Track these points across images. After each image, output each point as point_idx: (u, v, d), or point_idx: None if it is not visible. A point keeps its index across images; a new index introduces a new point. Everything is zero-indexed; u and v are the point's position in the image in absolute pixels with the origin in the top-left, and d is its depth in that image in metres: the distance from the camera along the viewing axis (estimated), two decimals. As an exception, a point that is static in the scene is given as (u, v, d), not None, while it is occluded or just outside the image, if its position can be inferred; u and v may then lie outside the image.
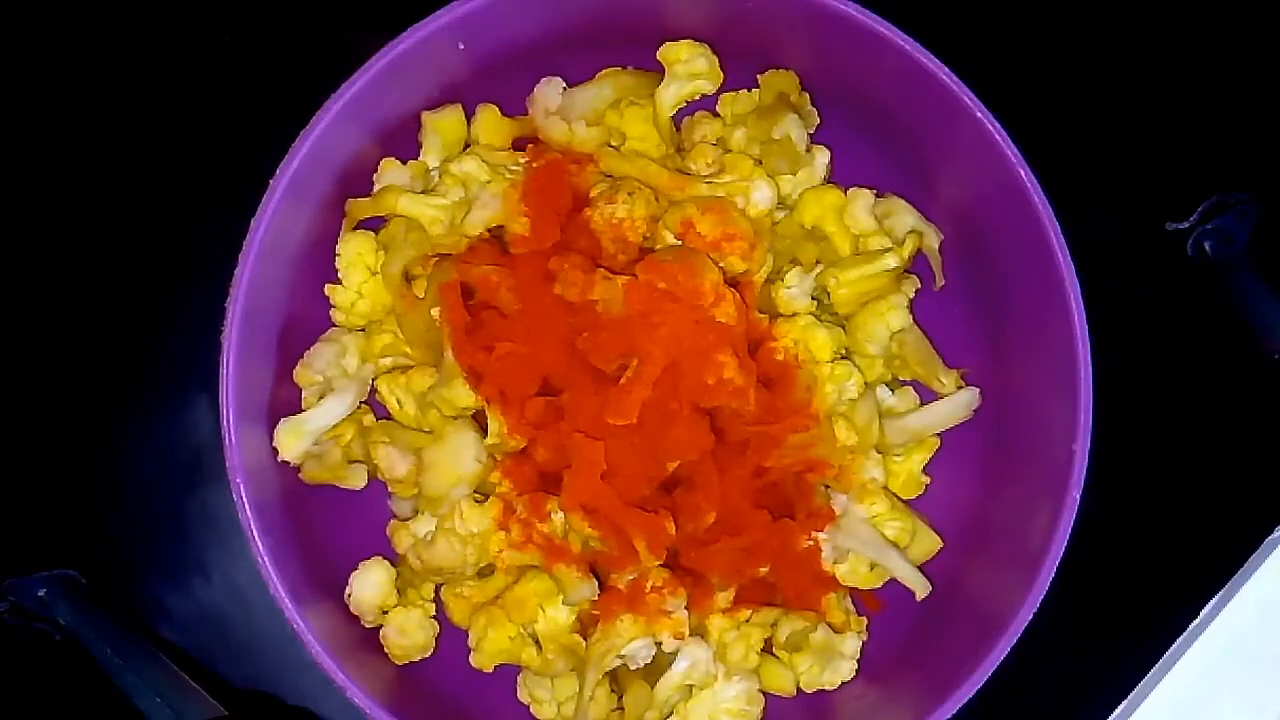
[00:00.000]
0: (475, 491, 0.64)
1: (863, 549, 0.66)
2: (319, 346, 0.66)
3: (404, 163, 0.68)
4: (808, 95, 0.69)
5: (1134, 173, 0.76)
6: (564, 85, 0.68)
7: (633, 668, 0.64)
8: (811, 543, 0.66)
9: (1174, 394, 0.75)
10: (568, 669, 0.64)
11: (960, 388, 0.68)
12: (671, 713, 0.65)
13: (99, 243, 0.74)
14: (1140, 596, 0.73)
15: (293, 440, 0.63)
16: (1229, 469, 0.74)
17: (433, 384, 0.64)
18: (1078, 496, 0.60)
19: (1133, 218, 0.76)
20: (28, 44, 0.75)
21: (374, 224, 0.68)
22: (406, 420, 0.66)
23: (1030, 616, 0.60)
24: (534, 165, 0.66)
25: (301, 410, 0.64)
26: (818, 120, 0.70)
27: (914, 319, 0.68)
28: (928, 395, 0.69)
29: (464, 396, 0.63)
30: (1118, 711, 0.69)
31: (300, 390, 0.65)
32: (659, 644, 0.63)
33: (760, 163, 0.67)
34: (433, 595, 0.67)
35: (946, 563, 0.68)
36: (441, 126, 0.68)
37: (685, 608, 0.63)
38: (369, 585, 0.65)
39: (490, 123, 0.68)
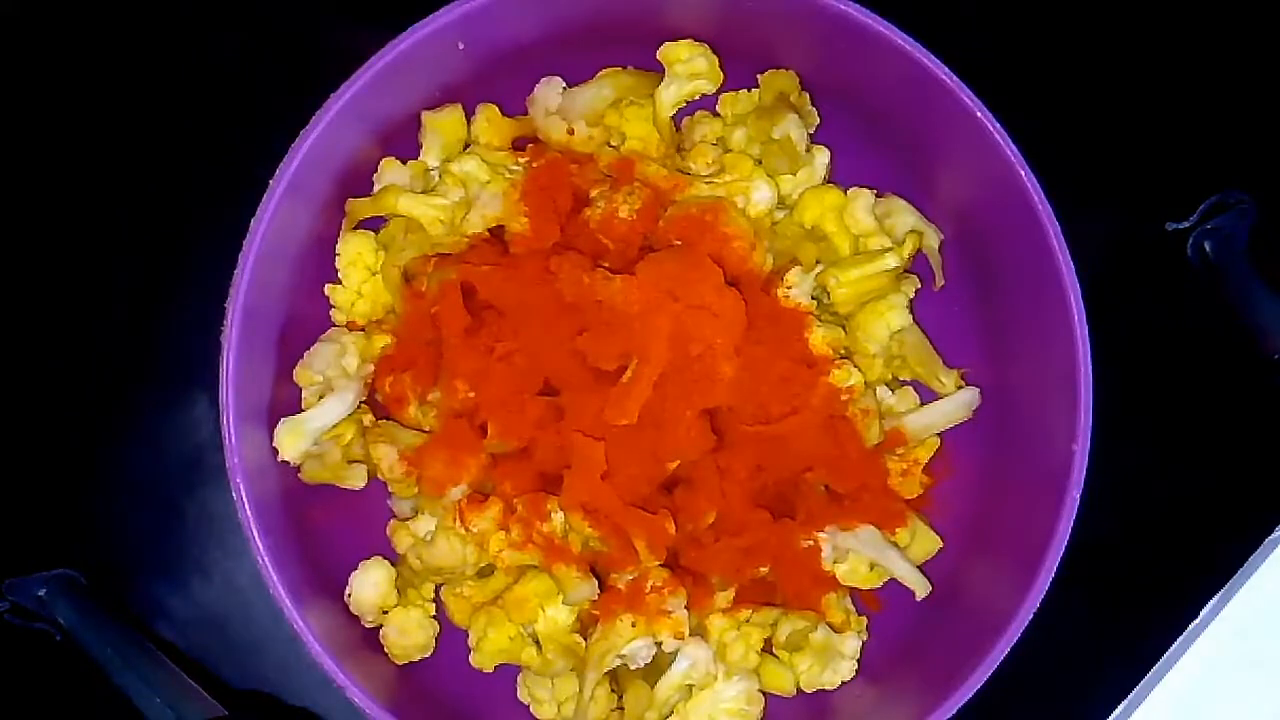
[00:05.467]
0: (475, 491, 0.64)
1: (863, 549, 0.66)
2: (319, 346, 0.66)
3: (404, 163, 0.68)
4: (808, 95, 0.69)
5: (1134, 173, 0.76)
6: (564, 85, 0.68)
7: (633, 668, 0.64)
8: (811, 543, 0.66)
9: (1174, 394, 0.75)
10: (568, 669, 0.64)
11: (960, 388, 0.68)
12: (671, 713, 0.65)
13: (99, 243, 0.74)
14: (1140, 596, 0.73)
15: (293, 440, 0.63)
16: (1229, 469, 0.74)
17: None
18: (1078, 496, 0.60)
19: (1133, 218, 0.76)
20: (28, 44, 0.75)
21: (374, 224, 0.68)
22: (406, 420, 0.66)
23: (1030, 616, 0.60)
24: (534, 165, 0.66)
25: (301, 410, 0.64)
26: (818, 120, 0.70)
27: (914, 319, 0.69)
28: (928, 395, 0.69)
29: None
30: (1118, 711, 0.69)
31: (300, 390, 0.65)
32: (659, 644, 0.63)
33: (760, 163, 0.67)
34: (433, 595, 0.67)
35: (946, 563, 0.68)
36: (441, 126, 0.68)
37: (685, 608, 0.63)
38: (369, 585, 0.65)
39: (490, 123, 0.68)
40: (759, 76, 0.69)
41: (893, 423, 0.68)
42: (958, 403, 0.68)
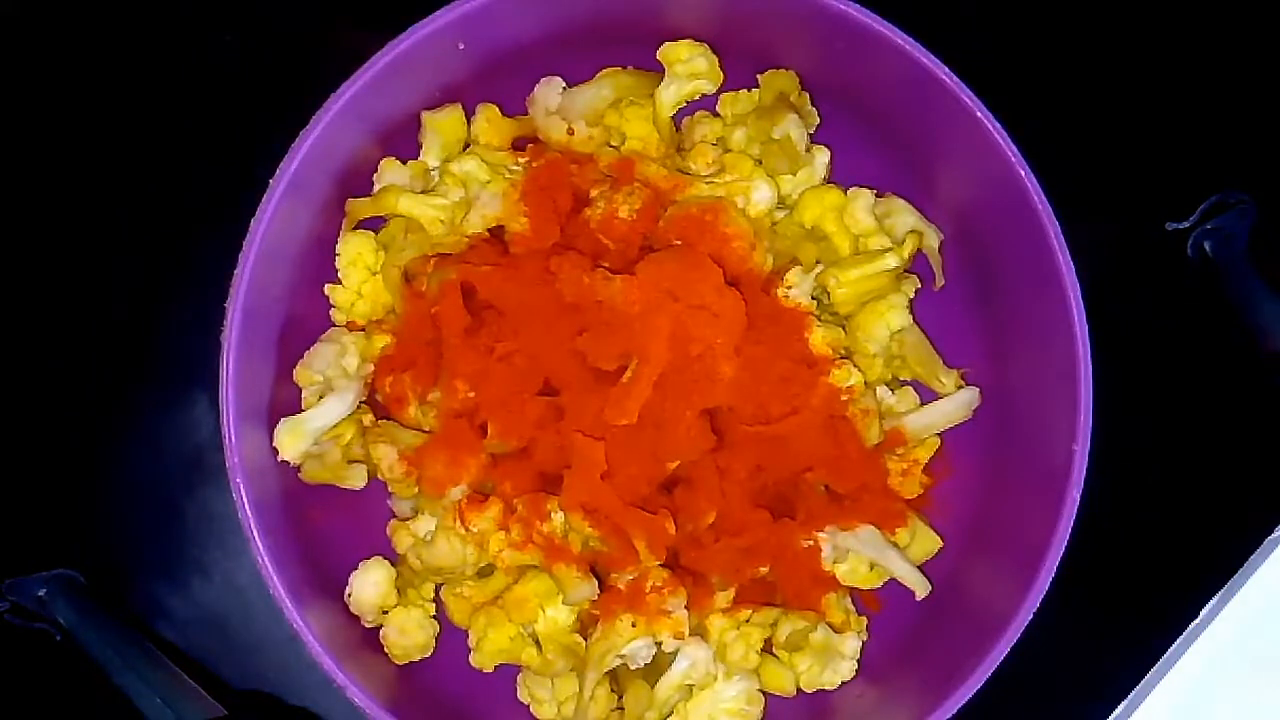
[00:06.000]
0: (475, 491, 0.64)
1: (863, 549, 0.66)
2: (319, 346, 0.66)
3: (404, 163, 0.68)
4: (808, 95, 0.69)
5: (1134, 173, 0.76)
6: (564, 85, 0.68)
7: (633, 668, 0.64)
8: (811, 543, 0.66)
9: (1174, 394, 0.75)
10: (568, 669, 0.64)
11: (960, 388, 0.68)
12: (671, 713, 0.65)
13: (99, 242, 0.74)
14: (1140, 597, 0.73)
15: (293, 440, 0.63)
16: (1229, 469, 0.74)
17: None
18: (1078, 496, 0.60)
19: (1133, 218, 0.76)
20: (29, 44, 0.75)
21: (374, 224, 0.68)
22: (406, 420, 0.66)
23: (1030, 616, 0.60)
24: (534, 165, 0.66)
25: (301, 410, 0.64)
26: (818, 120, 0.70)
27: (914, 319, 0.69)
28: (928, 395, 0.69)
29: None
30: (1118, 711, 0.69)
31: (300, 390, 0.65)
32: (659, 644, 0.63)
33: (760, 163, 0.67)
34: (433, 595, 0.67)
35: (946, 563, 0.68)
36: (441, 126, 0.68)
37: (685, 608, 0.63)
38: (369, 585, 0.65)
39: (490, 123, 0.68)
40: (759, 76, 0.69)
41: (893, 423, 0.68)
42: (958, 403, 0.68)
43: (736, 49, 0.67)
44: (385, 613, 0.66)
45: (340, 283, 0.67)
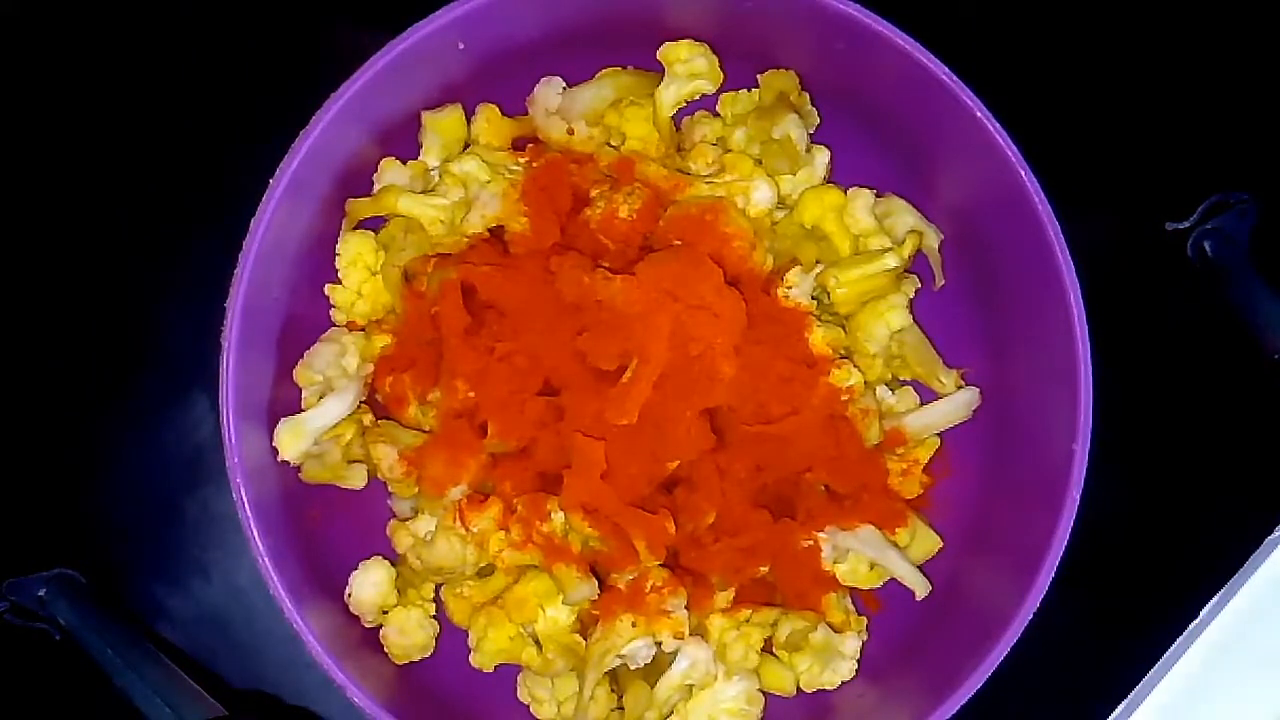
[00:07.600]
0: (475, 491, 0.64)
1: (863, 549, 0.66)
2: (319, 346, 0.66)
3: (404, 163, 0.68)
4: (808, 95, 0.69)
5: (1134, 173, 0.76)
6: (564, 85, 0.68)
7: (633, 668, 0.64)
8: (811, 543, 0.66)
9: (1174, 394, 0.75)
10: (568, 669, 0.64)
11: (960, 388, 0.68)
12: (671, 713, 0.65)
13: (99, 242, 0.74)
14: (1140, 597, 0.73)
15: (293, 440, 0.63)
16: (1229, 469, 0.74)
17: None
18: (1078, 496, 0.60)
19: (1133, 218, 0.76)
20: (28, 44, 0.75)
21: (374, 224, 0.68)
22: (406, 420, 0.66)
23: (1030, 616, 0.60)
24: (534, 165, 0.66)
25: (301, 410, 0.64)
26: (818, 120, 0.70)
27: (914, 319, 0.69)
28: (928, 395, 0.69)
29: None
30: (1118, 711, 0.69)
31: (300, 390, 0.65)
32: (659, 644, 0.63)
33: (760, 163, 0.67)
34: (433, 595, 0.67)
35: (946, 563, 0.68)
36: (441, 126, 0.68)
37: (685, 608, 0.63)
38: (369, 585, 0.65)
39: (490, 123, 0.68)
40: (759, 76, 0.69)
41: (893, 423, 0.68)
42: (958, 403, 0.68)
43: (736, 49, 0.67)
44: (385, 613, 0.66)
45: (340, 283, 0.67)
